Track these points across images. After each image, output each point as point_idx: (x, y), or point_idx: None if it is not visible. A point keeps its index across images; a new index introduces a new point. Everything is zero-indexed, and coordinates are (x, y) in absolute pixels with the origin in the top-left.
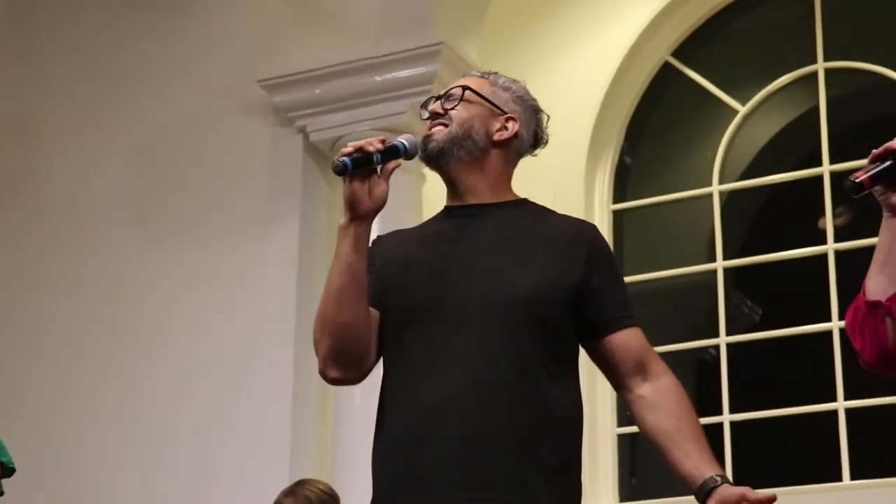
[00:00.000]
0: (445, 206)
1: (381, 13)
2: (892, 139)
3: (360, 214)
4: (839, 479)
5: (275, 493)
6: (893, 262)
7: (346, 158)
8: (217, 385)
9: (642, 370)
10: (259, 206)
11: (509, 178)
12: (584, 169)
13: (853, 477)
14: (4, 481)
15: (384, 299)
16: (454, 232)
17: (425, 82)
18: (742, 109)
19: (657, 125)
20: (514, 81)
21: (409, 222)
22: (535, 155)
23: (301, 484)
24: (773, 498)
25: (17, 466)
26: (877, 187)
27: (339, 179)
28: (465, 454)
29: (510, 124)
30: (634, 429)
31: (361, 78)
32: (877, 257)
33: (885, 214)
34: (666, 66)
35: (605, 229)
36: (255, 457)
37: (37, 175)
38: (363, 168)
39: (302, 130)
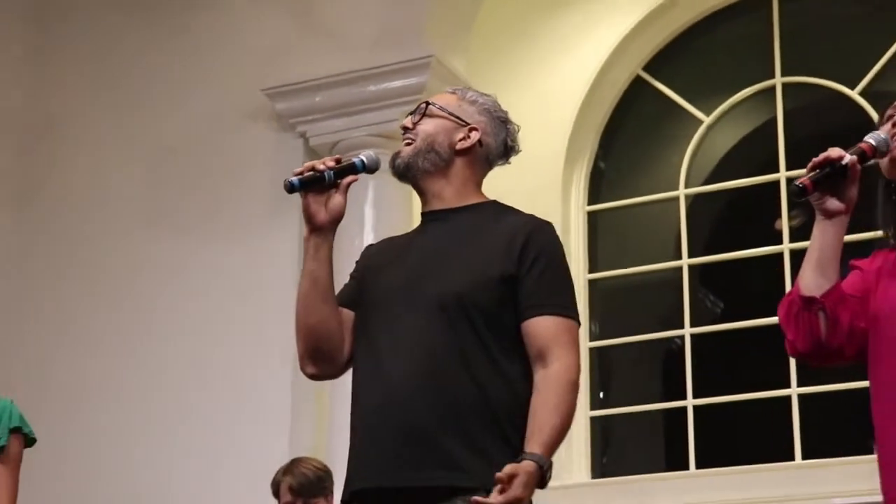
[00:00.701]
0: (421, 212)
1: (375, 28)
2: (830, 148)
3: (316, 227)
4: (792, 458)
5: (274, 469)
6: (827, 261)
7: (294, 178)
8: (224, 369)
9: (542, 357)
10: (263, 206)
11: (477, 184)
12: (562, 173)
13: (805, 457)
14: (28, 453)
15: (356, 300)
16: (420, 236)
17: (416, 92)
18: (706, 120)
19: (629, 133)
20: (483, 95)
21: (402, 229)
22: (509, 163)
23: (296, 462)
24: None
25: (41, 446)
26: (815, 192)
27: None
28: (405, 438)
29: (472, 134)
30: (606, 411)
31: (357, 88)
32: (811, 255)
33: (819, 217)
34: (637, 80)
35: (581, 229)
36: (256, 437)
37: (60, 174)
38: (314, 186)
39: (303, 135)
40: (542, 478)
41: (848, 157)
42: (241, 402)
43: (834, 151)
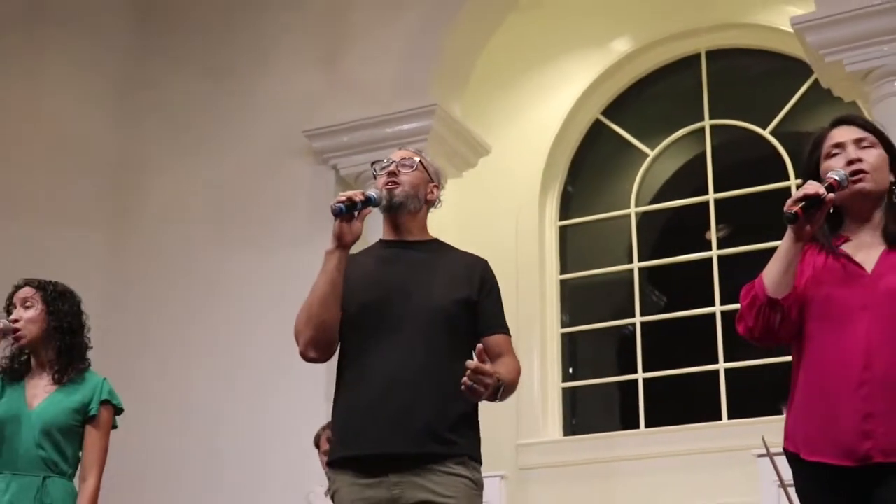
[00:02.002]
0: (381, 240)
1: (390, 83)
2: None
3: (343, 244)
4: (720, 418)
5: (315, 428)
6: (792, 273)
7: (341, 205)
8: (276, 349)
9: (500, 359)
10: (302, 223)
11: (426, 224)
12: (538, 195)
13: (729, 417)
14: (123, 417)
15: (345, 304)
16: (393, 258)
17: (423, 133)
18: (651, 153)
19: (591, 164)
20: (432, 160)
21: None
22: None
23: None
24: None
25: (138, 415)
26: (803, 219)
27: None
28: (404, 417)
29: (436, 190)
30: (573, 383)
31: (377, 130)
32: (780, 265)
33: (792, 237)
34: (597, 122)
35: (553, 240)
36: (301, 400)
37: (145, 201)
38: (350, 212)
39: (334, 168)
40: (497, 390)
41: (824, 192)
42: (289, 376)
43: (810, 188)
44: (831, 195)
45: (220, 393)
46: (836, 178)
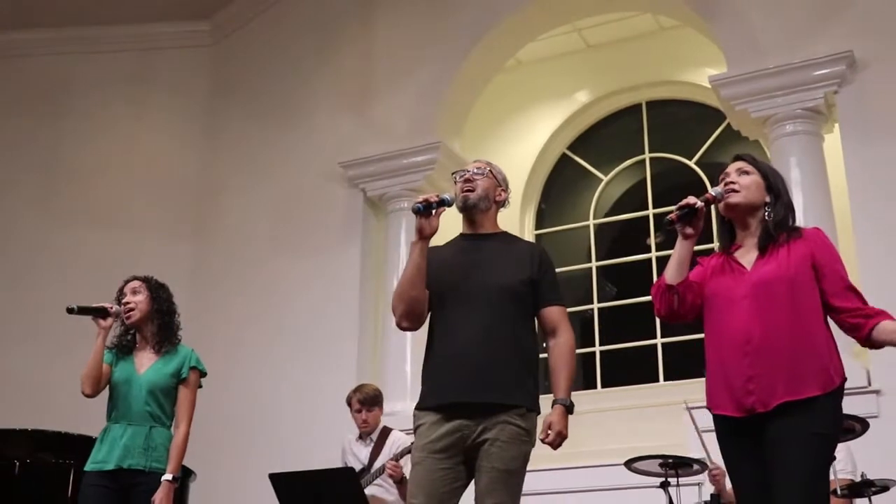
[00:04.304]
0: (461, 234)
1: (406, 125)
2: (687, 196)
3: (424, 236)
4: (657, 380)
5: (347, 390)
6: (683, 264)
7: (419, 205)
8: (320, 332)
9: (553, 332)
10: (337, 236)
11: (497, 220)
12: (519, 211)
13: (665, 379)
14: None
15: (432, 285)
16: (470, 248)
17: (431, 164)
18: (605, 178)
19: (559, 187)
20: (501, 169)
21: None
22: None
23: (362, 385)
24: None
25: (218, 380)
26: (678, 224)
27: (384, 218)
28: (476, 373)
29: (504, 193)
30: (546, 355)
31: (395, 161)
32: (673, 260)
33: (679, 238)
34: (564, 155)
35: None
36: (338, 374)
37: (221, 217)
38: (427, 211)
39: (363, 190)
40: (569, 412)
41: (698, 203)
42: (329, 355)
43: (690, 199)
44: (701, 203)
45: (278, 366)
46: (713, 193)
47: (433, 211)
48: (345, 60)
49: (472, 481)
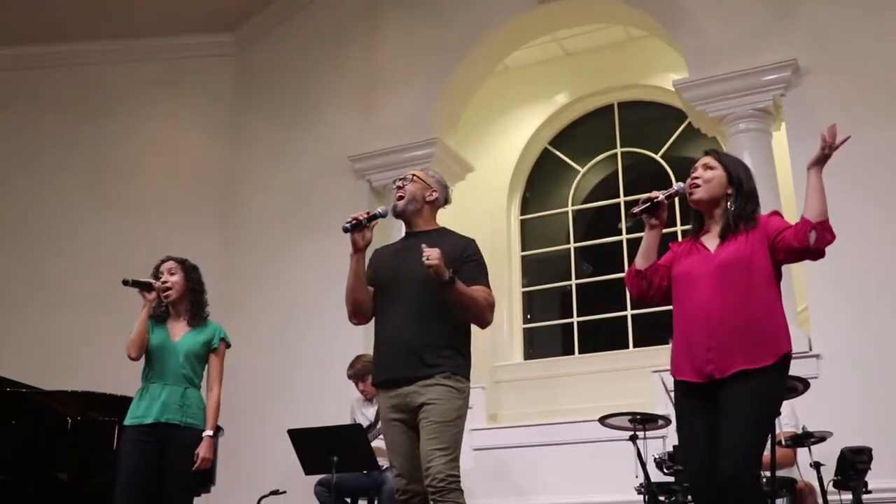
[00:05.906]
0: (405, 232)
1: (407, 122)
2: (652, 187)
3: (359, 249)
4: (627, 347)
5: (349, 358)
6: (650, 252)
7: (348, 224)
8: (332, 305)
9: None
10: (345, 220)
11: (434, 218)
12: (507, 199)
13: (634, 346)
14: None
15: (373, 281)
16: (405, 245)
17: (428, 157)
18: (582, 170)
19: (541, 178)
20: (436, 173)
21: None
22: (449, 205)
23: (353, 361)
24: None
25: (242, 349)
26: (643, 215)
27: (390, 199)
28: (406, 351)
29: (435, 193)
30: (530, 325)
31: (397, 155)
32: (642, 248)
33: (647, 227)
34: (545, 150)
35: (516, 229)
36: (345, 341)
37: (244, 205)
38: (358, 227)
39: (368, 181)
40: (452, 282)
41: (661, 196)
42: (338, 325)
43: (654, 193)
44: (662, 197)
45: (295, 336)
46: (676, 188)
47: (365, 226)
48: (352, 67)
49: None
